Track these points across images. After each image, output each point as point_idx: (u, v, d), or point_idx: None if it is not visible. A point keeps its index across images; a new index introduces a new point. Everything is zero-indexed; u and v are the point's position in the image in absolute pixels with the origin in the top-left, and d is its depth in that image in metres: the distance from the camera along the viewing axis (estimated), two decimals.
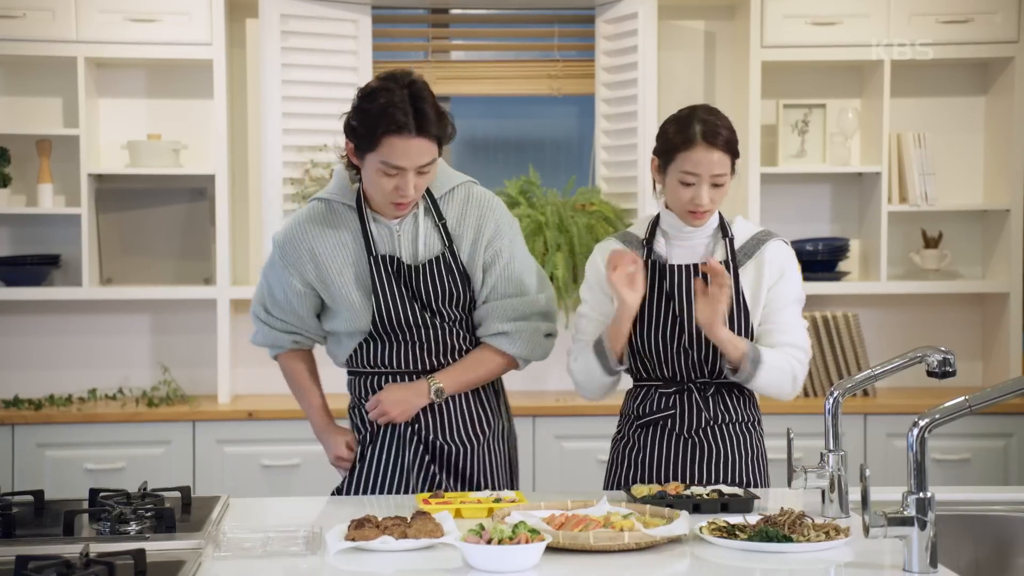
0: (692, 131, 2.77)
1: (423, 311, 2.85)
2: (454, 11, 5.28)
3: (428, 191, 2.87)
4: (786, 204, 5.15)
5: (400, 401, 2.86)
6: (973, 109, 5.18)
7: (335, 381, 3.22)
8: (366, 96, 2.70)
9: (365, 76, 4.94)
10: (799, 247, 5.04)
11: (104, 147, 4.95)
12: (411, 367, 2.90)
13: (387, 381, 2.91)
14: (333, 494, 2.98)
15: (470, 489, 2.91)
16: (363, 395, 2.96)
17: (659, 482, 2.88)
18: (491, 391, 3.02)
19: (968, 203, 5.14)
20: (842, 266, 5.12)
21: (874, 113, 5.00)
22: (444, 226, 2.85)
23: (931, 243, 5.12)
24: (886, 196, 4.93)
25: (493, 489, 2.93)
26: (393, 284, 2.83)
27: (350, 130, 2.73)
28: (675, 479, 2.89)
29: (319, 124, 4.87)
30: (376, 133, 2.66)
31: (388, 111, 2.64)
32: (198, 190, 4.98)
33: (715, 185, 2.79)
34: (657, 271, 2.88)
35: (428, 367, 2.90)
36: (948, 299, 5.21)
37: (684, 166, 2.78)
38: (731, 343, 2.77)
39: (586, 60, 5.18)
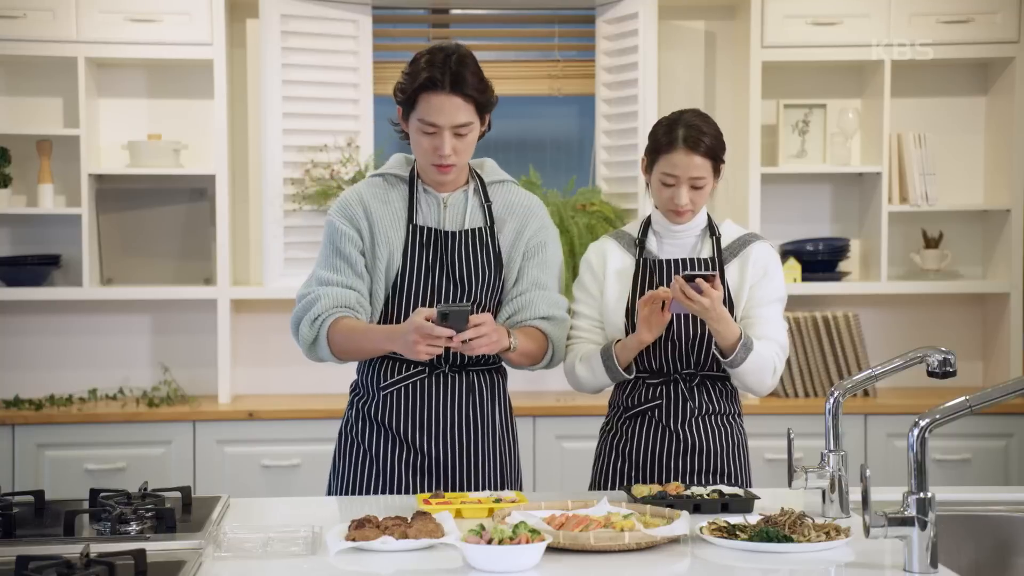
0: (675, 135, 2.91)
1: (448, 283, 2.86)
2: (454, 11, 5.28)
3: (479, 176, 2.96)
4: (786, 204, 5.15)
5: (497, 332, 2.73)
6: (973, 109, 5.18)
7: (336, 382, 3.24)
8: (412, 61, 2.85)
9: (366, 76, 4.95)
10: (799, 247, 5.04)
11: (104, 147, 4.95)
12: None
13: (397, 371, 2.88)
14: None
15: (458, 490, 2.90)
16: (374, 382, 2.91)
17: (644, 474, 2.97)
18: (489, 391, 2.97)
19: (968, 203, 5.14)
20: (842, 266, 5.12)
21: (874, 113, 5.00)
22: (489, 208, 2.94)
23: (931, 243, 5.12)
24: (886, 196, 4.93)
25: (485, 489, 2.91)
26: (427, 254, 2.87)
27: (396, 93, 2.86)
28: (660, 471, 2.96)
29: (319, 124, 4.87)
30: (414, 90, 2.79)
31: (425, 69, 2.78)
32: (198, 190, 4.98)
33: (695, 187, 2.92)
34: (649, 267, 3.00)
35: (438, 360, 2.87)
36: (948, 299, 5.21)
37: (665, 168, 2.92)
38: (730, 326, 2.85)
39: (586, 60, 5.18)
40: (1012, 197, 4.94)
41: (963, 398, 2.15)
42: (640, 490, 2.67)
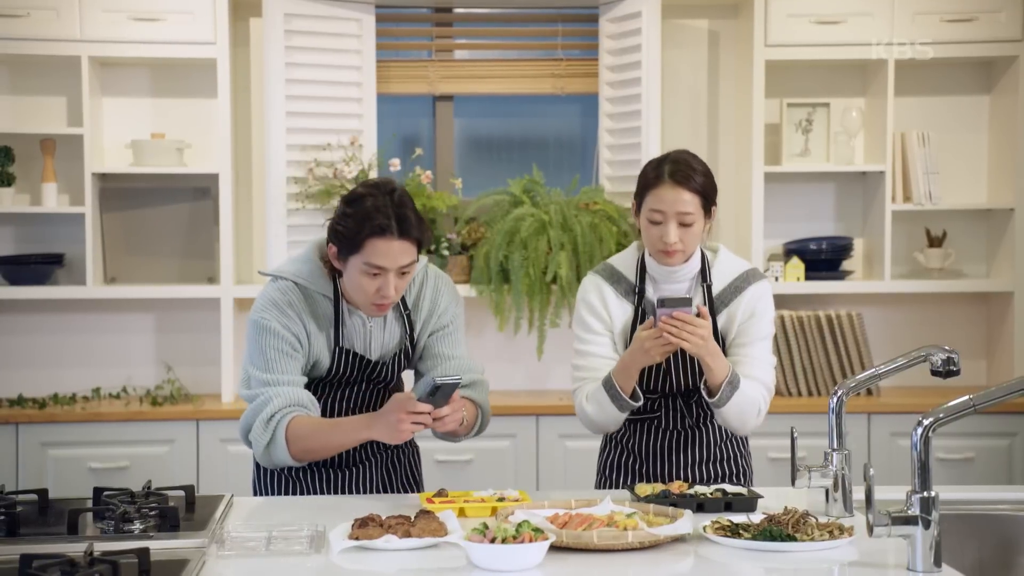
0: (661, 170, 2.86)
1: (368, 386, 2.94)
2: (458, 10, 5.27)
3: None
4: (790, 203, 5.15)
5: (461, 408, 2.75)
6: (977, 108, 5.18)
7: None
8: (352, 202, 2.76)
9: (369, 75, 4.95)
10: (803, 246, 5.04)
11: (108, 146, 4.96)
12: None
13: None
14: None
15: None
16: (271, 481, 2.98)
17: (651, 465, 3.01)
18: None
19: (972, 202, 5.13)
20: (846, 265, 5.11)
21: (878, 112, 5.00)
22: (408, 316, 2.93)
23: (935, 242, 5.11)
24: (890, 195, 4.93)
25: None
26: (351, 372, 2.90)
27: (335, 234, 2.77)
28: (667, 465, 3.00)
29: (323, 123, 4.87)
30: (361, 236, 2.71)
31: (372, 215, 2.70)
32: (202, 189, 4.98)
33: (683, 224, 2.84)
34: (643, 310, 2.96)
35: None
36: (952, 298, 5.20)
37: (652, 204, 2.86)
38: (721, 360, 2.82)
39: (590, 59, 5.18)
40: (1016, 196, 4.94)
41: (967, 397, 2.15)
42: (643, 489, 2.67)
